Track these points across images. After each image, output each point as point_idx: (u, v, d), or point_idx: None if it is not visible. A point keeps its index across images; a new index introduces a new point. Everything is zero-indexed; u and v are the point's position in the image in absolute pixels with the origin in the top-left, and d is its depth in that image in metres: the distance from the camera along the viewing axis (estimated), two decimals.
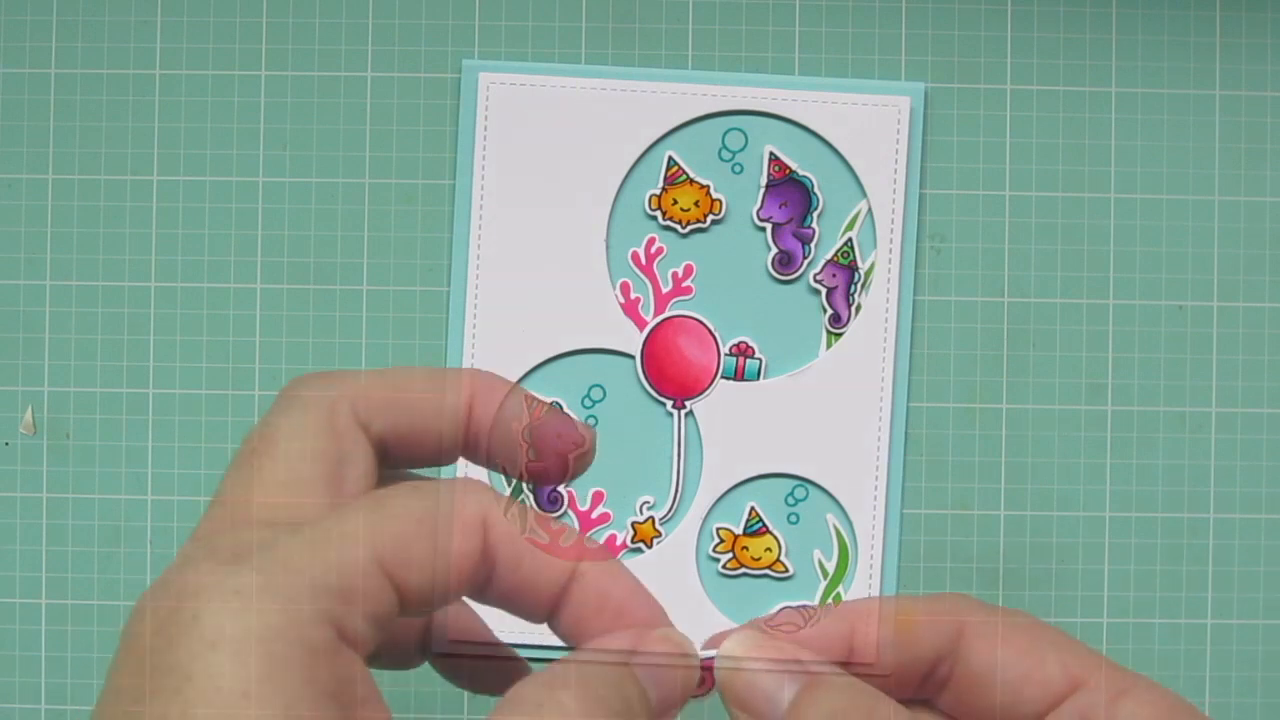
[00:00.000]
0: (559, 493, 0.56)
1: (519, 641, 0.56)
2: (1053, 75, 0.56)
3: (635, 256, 0.56)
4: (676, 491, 0.56)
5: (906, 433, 0.56)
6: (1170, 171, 0.56)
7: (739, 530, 0.57)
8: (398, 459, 0.36)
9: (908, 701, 0.37)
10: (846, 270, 0.56)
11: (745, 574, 0.57)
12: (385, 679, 0.56)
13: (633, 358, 0.56)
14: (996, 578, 0.56)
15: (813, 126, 0.56)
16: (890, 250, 0.56)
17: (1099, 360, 0.57)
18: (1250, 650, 0.57)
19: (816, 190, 0.56)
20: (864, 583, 0.56)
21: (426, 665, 0.57)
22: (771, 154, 0.56)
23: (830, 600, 0.56)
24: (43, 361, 0.56)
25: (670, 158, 0.56)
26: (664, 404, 0.56)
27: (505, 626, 0.56)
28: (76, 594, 0.57)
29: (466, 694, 0.57)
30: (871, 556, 0.56)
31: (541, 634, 0.56)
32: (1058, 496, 0.56)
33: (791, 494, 0.57)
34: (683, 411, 0.56)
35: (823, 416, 0.56)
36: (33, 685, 0.57)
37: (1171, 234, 0.56)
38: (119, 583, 0.57)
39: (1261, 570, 0.57)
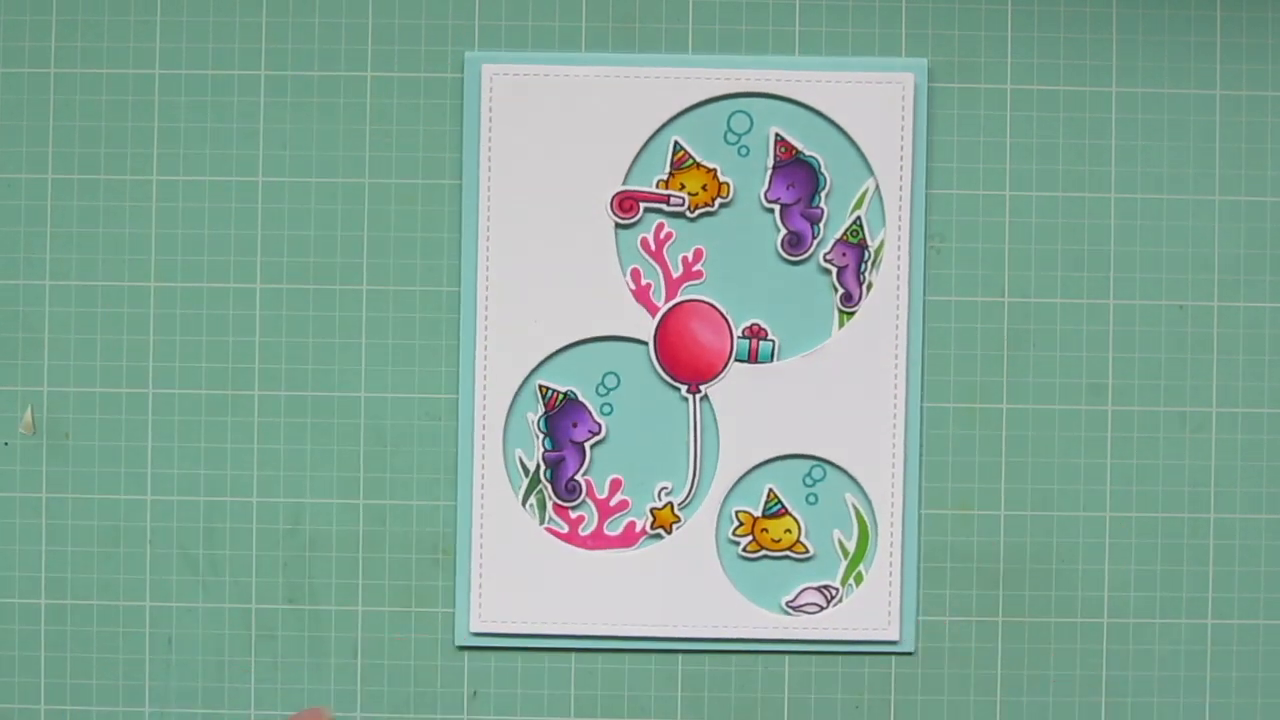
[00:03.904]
0: (577, 481, 0.56)
1: (539, 632, 0.57)
2: (1053, 75, 0.56)
3: (645, 242, 0.56)
4: (694, 476, 0.56)
5: (922, 408, 0.56)
6: (1170, 171, 0.56)
7: (758, 513, 0.57)
8: None
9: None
10: (856, 249, 0.56)
11: (766, 556, 0.57)
12: (384, 678, 0.57)
13: (646, 344, 0.56)
14: (997, 577, 0.56)
15: (818, 106, 0.56)
16: (899, 227, 0.56)
17: (1099, 360, 0.56)
18: (1250, 650, 0.57)
19: (823, 170, 0.56)
20: (885, 561, 0.56)
21: (427, 665, 0.57)
22: (777, 135, 0.56)
23: (852, 579, 0.57)
24: (42, 361, 0.56)
25: (676, 142, 0.56)
26: (679, 389, 0.56)
27: (525, 618, 0.56)
28: (76, 594, 0.57)
29: (466, 694, 0.57)
30: (891, 534, 0.56)
31: (562, 625, 0.57)
32: (1058, 496, 0.56)
33: (809, 474, 0.57)
34: (698, 396, 0.56)
35: (837, 396, 0.56)
36: (32, 685, 0.57)
37: (1172, 234, 0.56)
38: (118, 583, 0.57)
39: (1262, 570, 0.57)
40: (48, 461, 0.57)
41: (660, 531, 0.57)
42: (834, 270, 0.56)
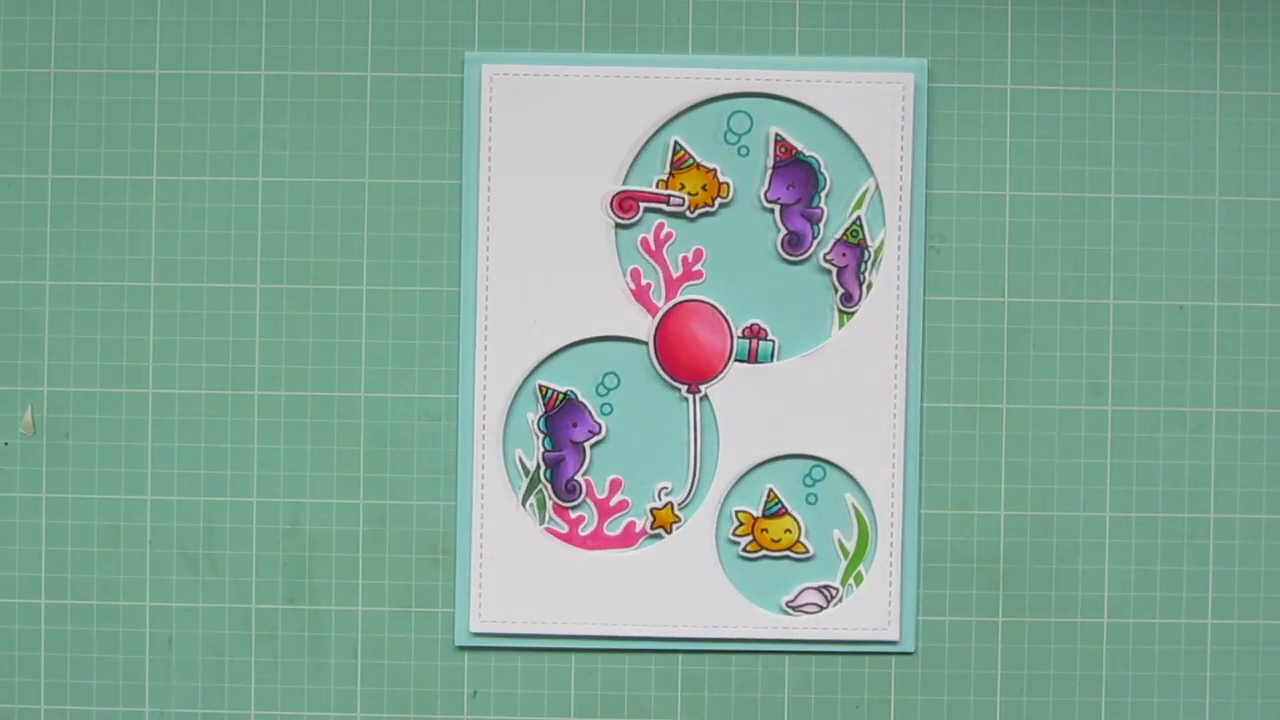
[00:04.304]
0: (576, 481, 0.56)
1: (539, 632, 0.57)
2: (1053, 75, 0.56)
3: (644, 242, 0.56)
4: (694, 476, 0.56)
5: (922, 408, 0.56)
6: (1170, 171, 0.56)
7: (758, 512, 0.57)
8: None
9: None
10: (856, 249, 0.56)
11: (766, 556, 0.57)
12: (384, 678, 0.57)
13: (645, 344, 0.56)
14: (997, 577, 0.56)
15: (817, 106, 0.56)
16: (899, 227, 0.56)
17: (1099, 360, 0.56)
18: (1251, 650, 0.57)
19: (823, 170, 0.56)
20: (885, 560, 0.56)
21: (427, 665, 0.57)
22: (777, 135, 0.56)
23: (852, 579, 0.57)
24: (42, 361, 0.56)
25: (676, 142, 0.56)
26: (678, 389, 0.56)
27: (525, 619, 0.56)
28: (76, 594, 0.57)
29: (466, 694, 0.57)
30: (891, 534, 0.56)
31: (562, 625, 0.57)
32: (1058, 496, 0.56)
33: (809, 474, 0.57)
34: (697, 396, 0.56)
35: (837, 396, 0.56)
36: (32, 685, 0.57)
37: (1172, 234, 0.56)
38: (118, 583, 0.57)
39: (1262, 570, 0.57)
40: (48, 461, 0.57)
41: (660, 531, 0.57)
42: (834, 270, 0.56)
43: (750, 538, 0.57)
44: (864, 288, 0.56)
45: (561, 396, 0.56)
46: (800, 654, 0.57)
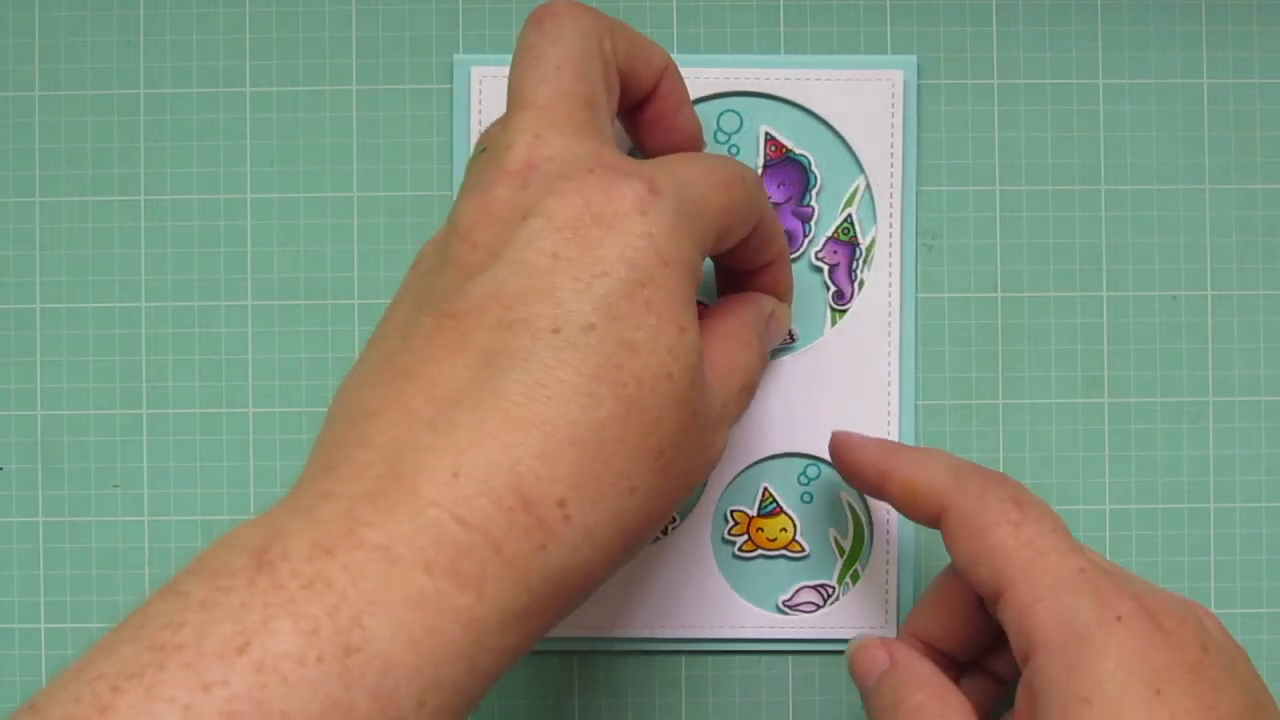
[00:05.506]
0: None
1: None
2: (1039, 69, 0.56)
3: None
4: None
5: (917, 405, 0.56)
6: (1160, 161, 0.56)
7: (753, 512, 0.56)
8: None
9: None
10: (848, 246, 0.56)
11: (761, 555, 0.56)
12: None
13: None
14: None
15: (808, 104, 0.56)
16: (891, 225, 0.56)
17: (1094, 353, 0.56)
18: (1256, 640, 0.57)
19: (814, 168, 0.56)
20: (881, 559, 0.56)
21: None
22: (768, 134, 0.56)
23: (848, 578, 0.56)
24: (35, 385, 0.56)
25: None
26: None
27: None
28: (75, 618, 0.56)
29: None
30: (888, 532, 0.56)
31: (560, 628, 0.56)
32: (1057, 491, 0.56)
33: (804, 473, 0.56)
34: None
35: (831, 394, 0.56)
36: None
37: (1163, 224, 0.56)
38: (118, 605, 0.56)
39: (1264, 559, 0.57)
40: (43, 485, 0.56)
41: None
42: (825, 268, 0.56)
43: (746, 537, 0.56)
44: (856, 285, 0.56)
45: None
46: (803, 654, 0.57)
